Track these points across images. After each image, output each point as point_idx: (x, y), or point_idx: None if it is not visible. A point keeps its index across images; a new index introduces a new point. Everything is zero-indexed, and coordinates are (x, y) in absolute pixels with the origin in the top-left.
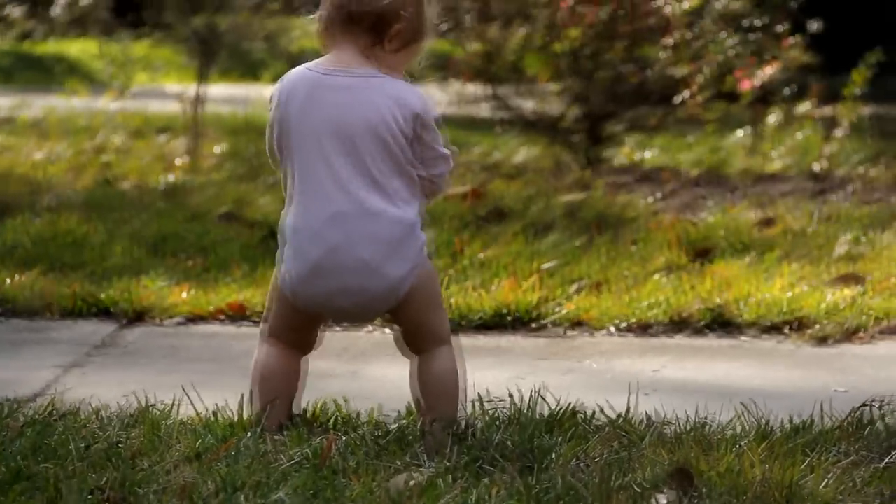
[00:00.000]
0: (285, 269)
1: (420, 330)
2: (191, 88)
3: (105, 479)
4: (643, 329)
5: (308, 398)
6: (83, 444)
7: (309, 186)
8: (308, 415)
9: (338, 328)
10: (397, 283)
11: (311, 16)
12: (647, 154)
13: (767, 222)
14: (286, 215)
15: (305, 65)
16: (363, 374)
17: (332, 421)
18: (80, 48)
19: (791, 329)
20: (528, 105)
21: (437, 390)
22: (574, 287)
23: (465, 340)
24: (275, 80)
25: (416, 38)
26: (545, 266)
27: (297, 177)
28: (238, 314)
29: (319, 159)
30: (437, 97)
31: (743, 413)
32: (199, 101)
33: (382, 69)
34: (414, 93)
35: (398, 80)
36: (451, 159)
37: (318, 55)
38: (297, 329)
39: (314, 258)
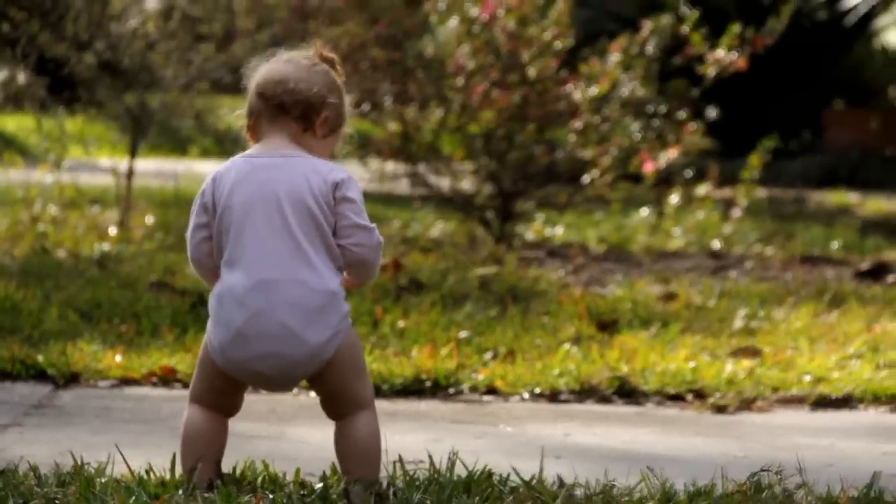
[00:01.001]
0: (210, 335)
1: (342, 396)
2: (122, 162)
3: None
4: (553, 396)
5: (236, 458)
6: (21, 501)
7: (237, 257)
8: (236, 474)
9: (264, 392)
10: (318, 349)
11: (237, 112)
12: (557, 230)
13: (670, 296)
14: (215, 287)
15: (235, 156)
16: (288, 435)
17: (259, 480)
18: (16, 123)
19: (693, 397)
20: (445, 182)
21: (358, 454)
22: (488, 355)
23: (385, 404)
24: (203, 154)
25: (340, 123)
26: (461, 335)
27: (228, 250)
28: (169, 377)
29: (248, 232)
30: (359, 174)
31: (647, 476)
32: (130, 174)
33: (311, 153)
34: (337, 167)
35: (322, 159)
36: (375, 232)
37: (241, 133)
38: (220, 393)
39: (237, 324)
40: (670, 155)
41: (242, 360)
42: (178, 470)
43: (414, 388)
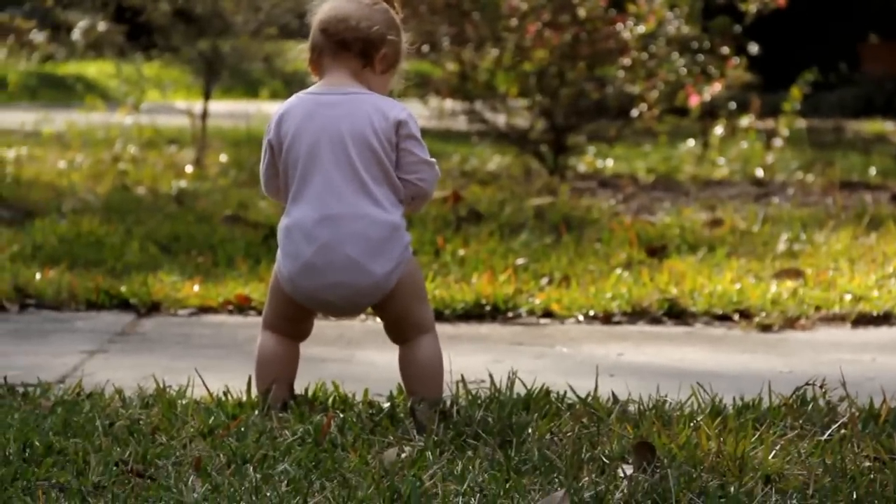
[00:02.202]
0: (280, 266)
1: (405, 321)
2: (197, 104)
3: (128, 452)
4: (606, 318)
5: (308, 380)
6: (107, 422)
7: (304, 193)
8: (308, 395)
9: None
10: (382, 279)
11: (301, 45)
12: (607, 162)
13: (716, 223)
14: (283, 220)
15: (300, 92)
16: (357, 358)
17: (329, 401)
18: (97, 69)
19: (739, 317)
20: (500, 118)
21: (422, 375)
22: (544, 280)
23: (447, 328)
24: (272, 97)
25: (398, 60)
26: (518, 262)
27: (295, 185)
28: (244, 305)
29: (314, 168)
30: (418, 112)
31: (697, 392)
32: (204, 115)
33: (370, 89)
34: (398, 105)
35: (384, 96)
36: (436, 167)
37: (308, 75)
38: (291, 320)
39: (306, 256)
40: (714, 89)
41: (311, 289)
42: (255, 392)
43: (475, 313)
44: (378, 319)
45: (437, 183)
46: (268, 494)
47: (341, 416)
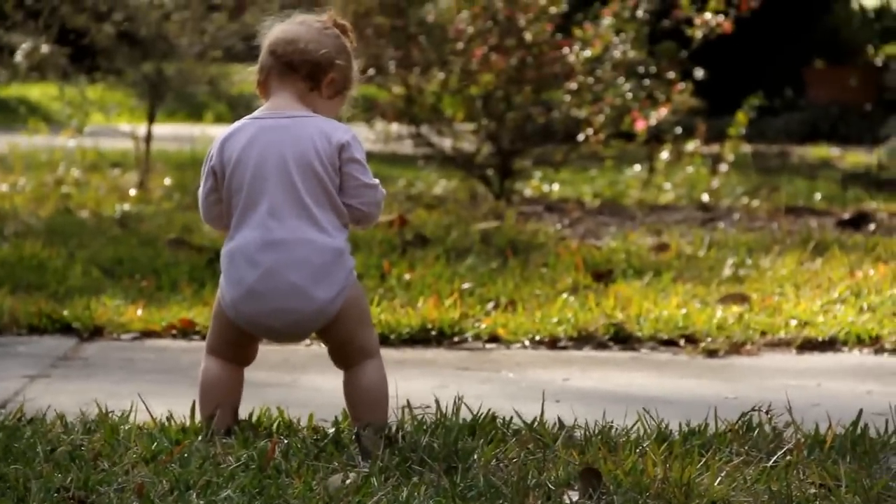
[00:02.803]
0: (223, 291)
1: (349, 346)
2: (141, 127)
3: (69, 478)
4: (552, 343)
5: (252, 405)
6: (49, 448)
7: (247, 218)
8: (252, 420)
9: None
10: (326, 305)
11: (248, 68)
12: (554, 186)
13: (662, 247)
14: (226, 246)
15: (244, 117)
16: (301, 383)
17: (274, 426)
18: (40, 91)
19: (685, 342)
20: (447, 142)
21: (367, 400)
22: (490, 305)
23: (393, 353)
24: (217, 120)
25: (346, 86)
26: (464, 286)
27: (238, 210)
28: (188, 329)
29: (258, 193)
30: (365, 135)
31: (643, 418)
32: (148, 138)
33: (313, 111)
34: (341, 128)
35: (327, 119)
36: (379, 189)
37: (254, 98)
38: (234, 345)
39: (249, 282)
40: (661, 113)
41: (254, 314)
42: (198, 417)
43: (420, 338)
44: (323, 344)
45: (381, 205)
46: None
47: (286, 441)
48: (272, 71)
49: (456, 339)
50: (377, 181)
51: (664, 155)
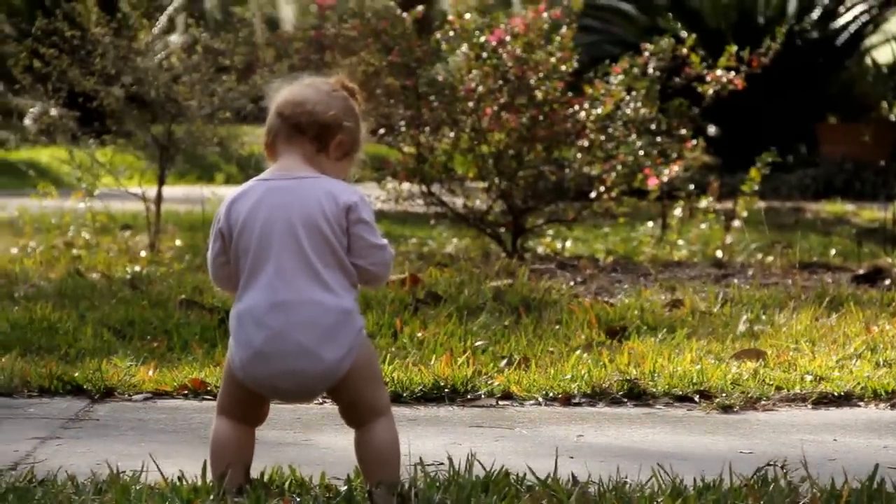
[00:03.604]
0: (232, 353)
1: (360, 405)
2: (151, 189)
3: None
4: (566, 399)
5: (264, 464)
6: None
7: (255, 279)
8: (264, 479)
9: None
10: (334, 365)
11: (259, 129)
12: (566, 244)
13: (676, 304)
14: (234, 307)
15: (251, 180)
16: (314, 442)
17: (286, 484)
18: (49, 155)
19: (699, 398)
20: (458, 201)
21: (378, 459)
22: (503, 362)
23: (405, 411)
24: (227, 181)
25: (354, 148)
26: (477, 344)
27: (246, 272)
28: (199, 389)
29: (265, 255)
30: (375, 195)
31: (658, 473)
32: (158, 200)
33: (321, 172)
34: (349, 189)
35: (335, 179)
36: (388, 249)
37: (263, 159)
38: (245, 405)
39: (257, 344)
40: (673, 170)
41: (263, 376)
42: (210, 477)
43: (433, 395)
44: (334, 403)
45: (391, 265)
46: None
47: (298, 500)
48: (280, 133)
49: (469, 396)
50: (385, 241)
51: (677, 212)
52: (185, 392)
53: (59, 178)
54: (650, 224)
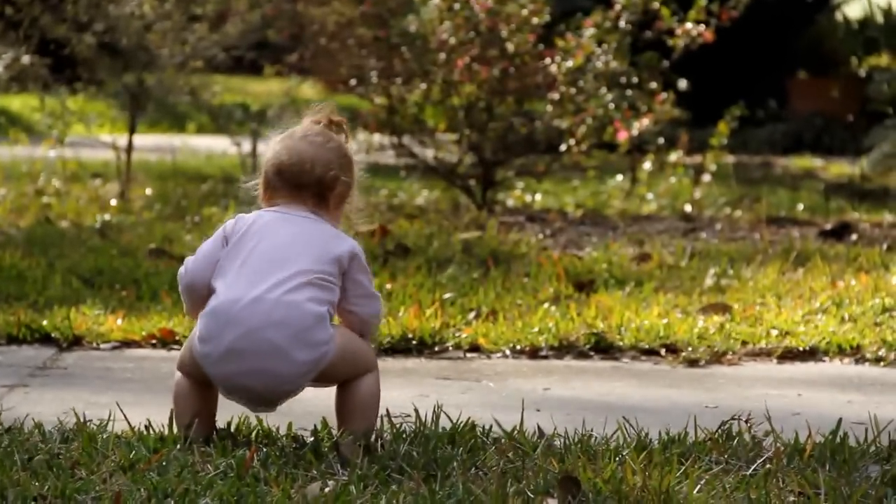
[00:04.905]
0: (199, 349)
1: (347, 378)
2: (122, 138)
3: (46, 487)
4: (533, 352)
5: (230, 414)
6: (26, 456)
7: (238, 278)
8: (231, 429)
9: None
10: (305, 367)
11: (252, 182)
12: (536, 197)
13: (644, 257)
14: (209, 303)
15: (262, 210)
16: None
17: (253, 434)
18: (20, 102)
19: (666, 352)
20: (429, 153)
21: (355, 410)
22: (471, 315)
23: None
24: (199, 130)
25: (350, 194)
26: (445, 296)
27: (230, 273)
28: (168, 339)
29: (252, 261)
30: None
31: (623, 427)
32: (129, 149)
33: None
34: (348, 240)
35: (336, 230)
36: (379, 302)
37: (233, 109)
38: (205, 379)
39: (228, 340)
40: (643, 124)
41: (231, 374)
42: (177, 426)
43: (401, 347)
44: None
45: (381, 318)
46: None
47: (264, 450)
48: (280, 189)
49: (437, 348)
50: (377, 293)
51: (647, 165)
52: (154, 342)
53: (30, 125)
54: (619, 178)
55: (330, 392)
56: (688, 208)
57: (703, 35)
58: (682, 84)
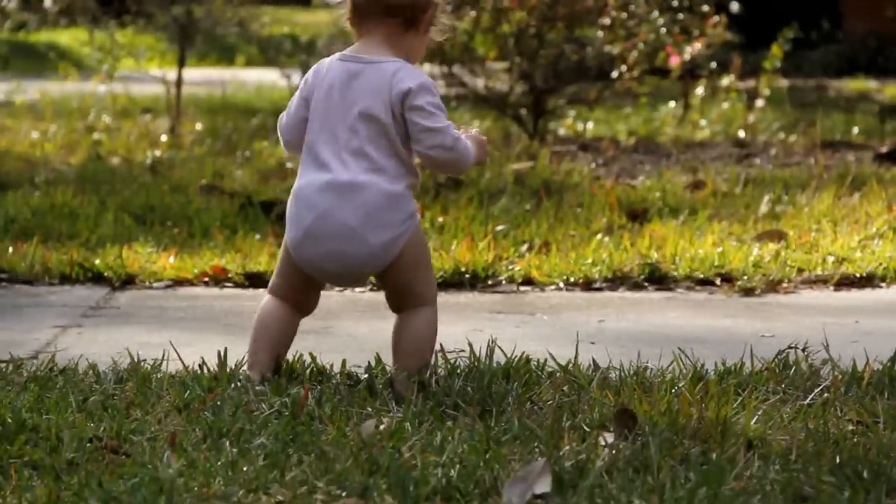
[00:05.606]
0: (287, 232)
1: (406, 292)
2: (171, 72)
3: (101, 428)
4: (587, 284)
5: (288, 353)
6: (81, 398)
7: (313, 158)
8: (284, 367)
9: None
10: (379, 249)
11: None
12: (588, 125)
13: (697, 185)
14: (295, 184)
15: (337, 53)
16: (334, 330)
17: (307, 373)
18: (70, 37)
19: (721, 281)
20: (479, 82)
21: (411, 347)
22: (524, 247)
23: None
24: (248, 63)
25: (437, 20)
26: (498, 228)
27: (306, 149)
28: (220, 277)
29: (326, 136)
30: None
31: (679, 358)
32: (179, 83)
33: (402, 53)
34: (409, 75)
35: (399, 63)
36: (446, 133)
37: (283, 40)
38: (295, 288)
39: (306, 223)
40: (695, 48)
41: (311, 257)
42: (230, 365)
43: (454, 281)
44: (357, 289)
45: (451, 147)
46: (244, 469)
47: (318, 388)
48: (368, 14)
49: (489, 282)
50: (444, 124)
51: (699, 91)
52: (206, 280)
53: (80, 60)
54: (672, 104)
55: (384, 328)
56: (741, 134)
57: None
58: (734, 6)
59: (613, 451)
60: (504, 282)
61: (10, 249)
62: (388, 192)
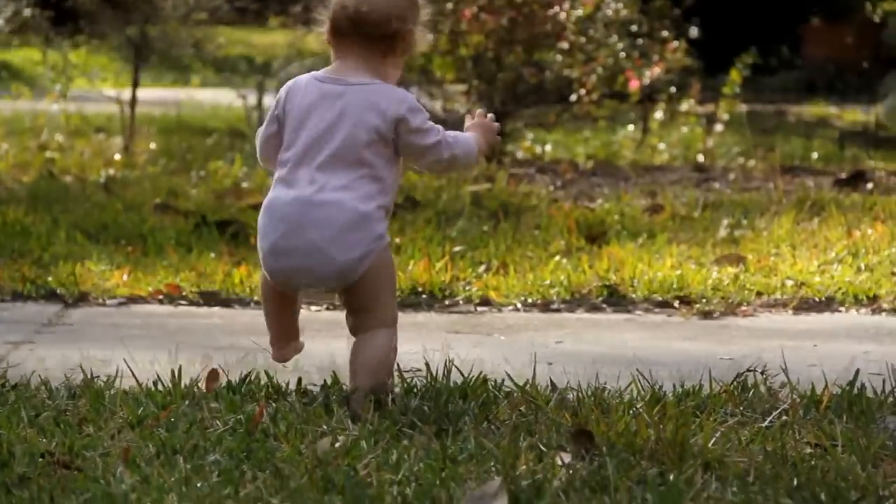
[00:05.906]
0: (258, 242)
1: (365, 313)
2: (126, 92)
3: (54, 443)
4: (545, 305)
5: (240, 370)
6: (33, 413)
7: (286, 175)
8: (239, 385)
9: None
10: (345, 267)
11: (320, 16)
12: (546, 148)
13: (656, 208)
14: (266, 198)
15: (312, 73)
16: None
17: (262, 390)
18: (22, 56)
19: (679, 304)
20: (437, 104)
21: (368, 365)
22: (482, 268)
23: None
24: (203, 84)
25: (413, 45)
26: (455, 249)
27: (279, 165)
28: (174, 294)
29: (299, 154)
30: None
31: (637, 379)
32: (133, 102)
33: (379, 76)
34: (395, 98)
35: (385, 86)
36: (441, 143)
37: (237, 61)
38: (275, 298)
39: (273, 238)
40: (654, 73)
41: (280, 270)
42: (184, 381)
43: (411, 301)
44: (313, 308)
45: (450, 153)
46: (198, 485)
47: (274, 405)
48: (348, 37)
49: (447, 301)
50: (435, 139)
51: (658, 115)
52: (160, 297)
53: (33, 79)
54: (631, 127)
55: (341, 347)
56: (700, 158)
57: None
58: (694, 32)
59: (570, 472)
60: (461, 302)
61: None
62: (357, 211)
